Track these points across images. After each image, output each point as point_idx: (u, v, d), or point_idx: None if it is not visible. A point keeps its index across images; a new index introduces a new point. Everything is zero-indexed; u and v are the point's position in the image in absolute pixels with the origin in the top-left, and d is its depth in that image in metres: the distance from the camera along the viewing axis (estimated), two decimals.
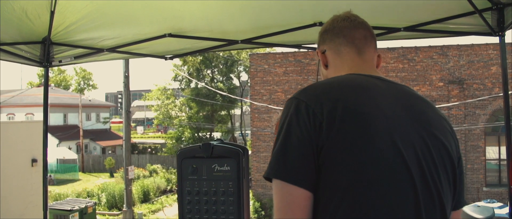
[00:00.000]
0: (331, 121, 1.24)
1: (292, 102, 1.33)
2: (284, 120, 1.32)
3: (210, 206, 2.12)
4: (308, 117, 1.26)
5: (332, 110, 1.26)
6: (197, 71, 35.92)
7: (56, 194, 22.60)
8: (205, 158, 2.22)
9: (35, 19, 3.11)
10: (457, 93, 18.27)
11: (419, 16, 3.08)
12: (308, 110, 1.27)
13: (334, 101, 1.28)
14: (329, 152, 1.22)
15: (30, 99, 43.54)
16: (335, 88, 1.35)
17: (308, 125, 1.25)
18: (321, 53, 1.57)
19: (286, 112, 1.33)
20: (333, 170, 1.22)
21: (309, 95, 1.33)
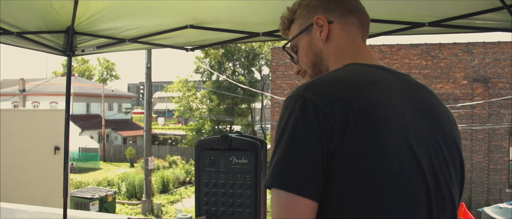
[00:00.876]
0: (344, 124, 1.09)
1: (295, 101, 1.15)
2: (287, 121, 1.14)
3: (227, 198, 2.12)
4: (317, 119, 1.10)
5: (345, 111, 1.10)
6: (218, 63, 36.04)
7: (78, 182, 22.99)
8: (223, 150, 2.21)
9: (59, 8, 3.15)
10: (481, 91, 17.93)
11: (444, 11, 3.01)
12: (317, 111, 1.11)
13: (346, 100, 1.12)
14: (342, 159, 1.09)
15: (54, 88, 44.34)
16: (344, 84, 1.17)
17: (317, 128, 1.10)
18: (327, 22, 1.34)
19: (288, 113, 1.15)
20: (346, 178, 1.10)
21: (316, 93, 1.14)
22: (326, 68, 1.35)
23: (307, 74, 1.42)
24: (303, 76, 1.44)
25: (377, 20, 3.09)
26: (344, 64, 1.29)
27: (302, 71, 1.44)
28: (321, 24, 1.34)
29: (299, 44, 1.40)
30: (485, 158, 17.81)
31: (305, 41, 1.38)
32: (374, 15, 3.07)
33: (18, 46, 3.49)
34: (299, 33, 1.39)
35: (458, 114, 18.15)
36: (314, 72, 1.38)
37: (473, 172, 17.98)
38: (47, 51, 3.66)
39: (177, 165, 29.05)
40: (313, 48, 1.37)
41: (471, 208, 16.56)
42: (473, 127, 17.88)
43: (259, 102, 39.05)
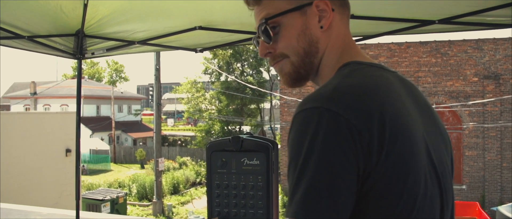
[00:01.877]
0: (381, 141, 0.95)
1: (320, 115, 0.95)
2: (313, 140, 0.94)
3: (239, 200, 2.11)
4: (352, 138, 0.93)
5: (380, 126, 0.96)
6: (227, 64, 36.09)
7: (89, 184, 23.15)
8: (234, 151, 2.20)
9: (69, 12, 3.17)
10: (492, 88, 17.78)
11: (454, 8, 2.98)
12: (351, 128, 0.94)
13: (379, 114, 0.97)
14: (378, 179, 0.96)
15: (64, 90, 44.71)
16: (370, 94, 1.01)
17: (353, 149, 0.93)
18: (331, 8, 1.16)
19: (312, 129, 0.95)
20: (380, 199, 0.97)
21: (347, 106, 0.96)
22: (319, 60, 1.18)
23: (286, 61, 1.19)
24: (273, 62, 1.22)
25: (386, 19, 3.07)
26: (343, 62, 1.15)
27: (274, 55, 1.20)
28: (323, 9, 1.16)
29: (284, 23, 1.17)
30: (498, 156, 17.65)
31: (297, 22, 1.16)
32: (382, 13, 3.06)
33: (29, 50, 3.53)
34: (291, 10, 1.16)
35: (469, 111, 18.01)
36: (302, 62, 1.18)
37: (486, 171, 17.83)
38: (58, 54, 3.69)
39: (187, 166, 29.14)
40: (309, 34, 1.17)
41: (484, 207, 16.42)
42: (485, 124, 17.73)
43: (268, 102, 39.05)
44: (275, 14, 1.16)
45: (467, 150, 18.14)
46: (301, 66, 1.18)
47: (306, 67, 1.18)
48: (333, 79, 1.09)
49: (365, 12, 2.98)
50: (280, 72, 1.22)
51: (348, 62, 1.15)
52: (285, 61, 1.19)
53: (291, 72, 1.20)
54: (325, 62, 1.18)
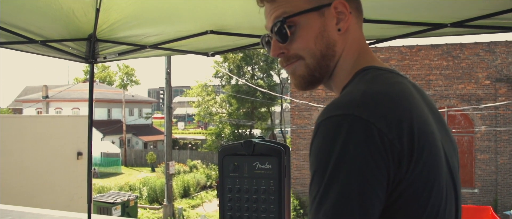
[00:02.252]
0: (410, 150, 0.93)
1: (351, 123, 0.92)
2: (343, 149, 0.90)
3: (251, 204, 2.11)
4: (384, 148, 0.91)
5: (410, 135, 0.94)
6: (237, 67, 36.13)
7: (100, 187, 23.28)
8: (246, 155, 2.21)
9: (81, 16, 3.20)
10: (505, 91, 17.60)
11: (466, 11, 2.96)
12: (383, 137, 0.91)
13: (409, 122, 0.96)
14: (406, 188, 0.94)
15: (76, 94, 45.06)
16: (398, 101, 0.99)
17: (385, 159, 0.91)
18: (349, 11, 1.12)
19: (342, 137, 0.91)
20: (406, 210, 0.96)
21: (378, 114, 0.93)
22: (334, 64, 1.14)
23: (301, 63, 1.14)
24: (286, 63, 1.17)
25: (398, 22, 3.06)
26: (361, 67, 1.13)
27: (288, 56, 1.16)
28: (341, 11, 1.12)
29: (301, 23, 1.11)
30: (510, 160, 17.46)
31: (315, 23, 1.12)
32: (394, 17, 3.05)
33: (42, 54, 3.56)
34: (310, 10, 1.11)
35: (482, 115, 17.84)
36: (318, 65, 1.13)
37: (498, 174, 17.64)
38: (70, 58, 3.73)
39: (197, 169, 29.20)
40: (326, 36, 1.12)
41: (497, 211, 16.24)
42: (497, 128, 17.55)
43: (278, 106, 39.01)
44: (293, 13, 1.11)
45: (479, 154, 17.97)
46: (317, 69, 1.14)
47: (322, 71, 1.14)
48: (357, 84, 1.05)
49: (377, 15, 2.97)
50: (293, 74, 1.17)
51: (367, 67, 1.12)
52: (299, 63, 1.15)
53: (306, 75, 1.15)
54: (341, 66, 1.15)
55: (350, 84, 1.10)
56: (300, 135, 20.18)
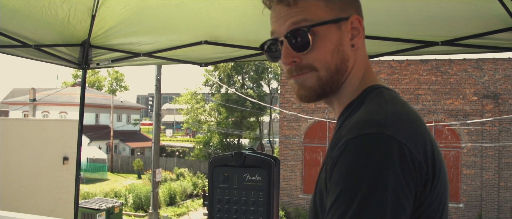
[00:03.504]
0: (433, 171, 0.95)
1: (387, 144, 0.90)
2: (380, 167, 0.88)
3: (239, 215, 2.12)
4: (414, 170, 0.91)
5: (431, 156, 0.95)
6: (227, 76, 36.17)
7: (85, 193, 23.06)
8: (236, 167, 2.22)
9: (76, 23, 3.20)
10: (491, 108, 17.83)
11: (457, 30, 3.02)
12: (413, 158, 0.91)
13: (429, 143, 0.97)
14: (426, 210, 0.96)
15: (64, 98, 44.69)
16: (419, 123, 1.00)
17: (414, 178, 0.91)
18: (362, 28, 1.12)
19: (378, 156, 0.89)
20: None
21: (406, 134, 0.93)
22: (344, 79, 1.12)
23: (313, 74, 1.09)
24: (297, 73, 1.10)
25: (390, 39, 3.11)
26: (369, 85, 1.13)
27: (300, 65, 1.09)
28: (356, 27, 1.11)
29: (320, 33, 1.07)
30: (496, 175, 17.65)
31: (334, 36, 1.08)
32: (387, 33, 3.09)
33: (35, 59, 3.54)
34: (331, 21, 1.07)
35: (468, 130, 18.03)
36: (330, 79, 1.10)
37: (483, 189, 17.81)
38: (63, 64, 3.71)
39: (184, 177, 29.04)
40: (342, 50, 1.10)
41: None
42: (483, 144, 17.74)
43: (267, 116, 39.05)
44: (317, 22, 1.06)
45: (465, 169, 18.13)
46: (328, 82, 1.10)
47: (333, 85, 1.11)
48: (377, 104, 1.04)
49: (369, 32, 3.01)
50: (302, 85, 1.11)
51: (377, 86, 1.12)
52: (311, 75, 1.09)
53: (317, 87, 1.10)
54: (349, 82, 1.13)
55: (360, 101, 1.09)
56: (288, 146, 20.20)
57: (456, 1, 2.65)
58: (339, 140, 0.98)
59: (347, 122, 1.05)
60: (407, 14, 2.85)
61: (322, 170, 1.07)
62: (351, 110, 1.10)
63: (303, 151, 20.01)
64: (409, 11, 2.80)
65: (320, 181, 1.06)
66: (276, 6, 1.11)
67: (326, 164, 1.02)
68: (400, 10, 2.80)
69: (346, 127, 0.99)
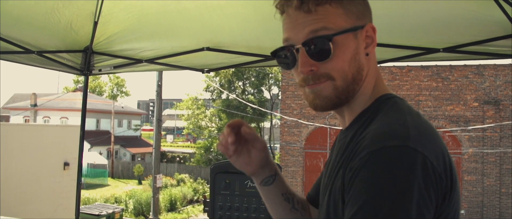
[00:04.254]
0: (450, 183, 0.96)
1: (414, 157, 0.90)
2: (405, 180, 0.88)
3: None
4: (435, 180, 0.92)
5: (449, 168, 0.97)
6: (228, 82, 36.19)
7: (85, 198, 23.01)
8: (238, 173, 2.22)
9: (79, 29, 3.22)
10: (492, 114, 17.81)
11: (458, 37, 3.03)
12: (434, 170, 0.92)
13: (446, 155, 0.98)
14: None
15: (65, 103, 44.68)
16: (436, 133, 1.01)
17: (436, 191, 0.92)
18: (376, 37, 1.11)
19: (402, 169, 0.89)
20: None
21: (428, 147, 0.93)
22: (358, 89, 1.10)
23: (329, 83, 1.07)
24: (313, 82, 1.07)
25: (392, 46, 3.11)
26: (382, 93, 1.12)
27: (317, 74, 1.06)
28: (370, 36, 1.10)
29: (339, 42, 1.04)
30: (497, 182, 17.60)
31: (351, 45, 1.07)
32: (389, 40, 3.10)
33: (37, 65, 3.56)
34: (350, 30, 1.05)
35: (469, 136, 18.01)
36: (346, 88, 1.08)
37: (484, 196, 17.76)
38: (65, 70, 3.73)
39: (185, 183, 28.99)
40: (358, 59, 1.08)
41: None
42: (484, 150, 17.72)
43: (268, 122, 39.04)
44: (338, 31, 1.04)
45: (466, 175, 18.10)
46: (344, 91, 1.08)
47: (349, 94, 1.09)
48: (396, 114, 1.03)
49: None
50: (318, 94, 1.08)
51: (390, 95, 1.12)
52: (327, 84, 1.07)
53: (333, 97, 1.08)
54: (363, 91, 1.11)
55: (375, 111, 1.08)
56: (289, 152, 20.17)
57: (457, 9, 2.66)
58: (358, 150, 0.98)
59: (362, 131, 1.04)
60: (409, 21, 2.86)
61: (336, 179, 1.06)
62: (365, 119, 1.08)
63: (303, 157, 19.98)
64: (410, 18, 2.81)
65: (334, 191, 1.05)
66: (292, 12, 1.07)
67: (343, 173, 1.01)
68: (402, 17, 2.82)
69: (366, 138, 0.98)
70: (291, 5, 1.06)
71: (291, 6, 1.06)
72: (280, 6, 1.10)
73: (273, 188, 1.36)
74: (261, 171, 1.33)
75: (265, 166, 1.33)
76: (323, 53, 1.04)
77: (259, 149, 1.29)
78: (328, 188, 1.10)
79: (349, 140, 1.09)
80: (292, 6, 1.06)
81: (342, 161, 1.06)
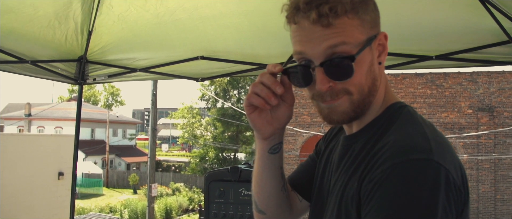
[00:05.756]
0: (466, 194, 0.96)
1: (436, 169, 0.89)
2: (431, 195, 0.87)
3: None
4: (456, 195, 0.91)
5: (465, 180, 0.96)
6: (223, 91, 36.21)
7: (80, 208, 22.88)
8: (232, 181, 2.23)
9: (73, 41, 3.23)
10: (486, 121, 17.90)
11: (451, 44, 3.06)
12: (455, 184, 0.92)
13: (462, 167, 0.97)
14: None
15: (60, 113, 44.51)
16: (449, 144, 1.00)
17: (456, 204, 0.92)
18: (387, 42, 1.07)
19: (428, 183, 0.88)
20: None
21: (448, 160, 0.93)
22: (373, 100, 1.07)
23: (346, 98, 1.02)
24: (331, 98, 1.03)
25: None
26: (393, 101, 1.10)
27: (336, 91, 1.02)
28: (383, 44, 1.06)
29: (358, 59, 0.99)
30: (492, 188, 17.65)
31: (367, 57, 1.02)
32: None
33: (31, 75, 3.55)
34: (368, 43, 1.00)
35: (464, 143, 18.08)
36: (362, 101, 1.04)
37: (479, 202, 17.80)
38: (59, 79, 3.72)
39: (180, 192, 28.89)
40: (373, 70, 1.04)
41: None
42: (478, 156, 17.78)
43: None
44: (358, 48, 0.99)
45: None
46: (360, 105, 1.04)
47: (365, 107, 1.06)
48: (414, 125, 1.01)
49: None
50: (333, 110, 1.04)
51: (401, 103, 1.10)
52: (345, 99, 1.03)
53: (349, 111, 1.04)
54: (376, 100, 1.08)
55: (388, 120, 1.06)
56: (284, 160, 20.13)
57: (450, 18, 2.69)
58: (377, 161, 0.95)
59: (376, 141, 1.02)
60: (401, 30, 2.88)
61: (348, 187, 1.03)
62: (378, 128, 1.06)
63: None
64: (403, 26, 2.84)
65: (346, 200, 1.02)
66: (308, 25, 0.98)
67: (359, 184, 0.98)
68: (394, 25, 2.84)
69: (387, 149, 0.95)
70: (307, 17, 0.97)
71: (307, 19, 0.98)
72: (291, 17, 1.01)
73: (276, 158, 1.26)
74: (277, 135, 1.20)
75: (283, 128, 1.21)
76: (345, 73, 0.99)
77: (289, 104, 1.15)
78: (337, 195, 1.07)
79: (360, 148, 1.06)
80: (308, 19, 0.97)
81: (354, 169, 1.03)
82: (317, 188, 1.26)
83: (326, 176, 1.21)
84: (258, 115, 1.15)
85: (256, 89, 1.09)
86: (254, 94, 1.10)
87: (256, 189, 1.31)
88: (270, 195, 1.29)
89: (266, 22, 2.93)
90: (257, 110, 1.14)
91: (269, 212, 1.31)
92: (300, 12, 0.98)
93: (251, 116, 1.15)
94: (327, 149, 1.29)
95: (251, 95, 1.11)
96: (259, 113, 1.15)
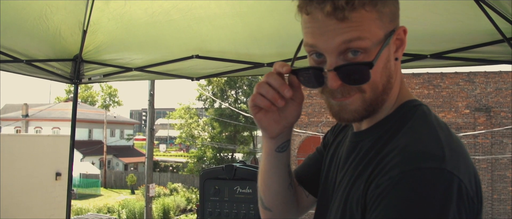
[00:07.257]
0: (480, 204, 0.92)
1: (448, 179, 0.85)
2: (443, 207, 0.83)
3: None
4: (469, 205, 0.88)
5: (479, 189, 0.93)
6: (221, 91, 36.20)
7: (78, 209, 22.86)
8: (227, 179, 2.24)
9: (68, 37, 3.22)
10: (483, 121, 17.95)
11: (446, 44, 3.06)
12: (468, 194, 0.87)
13: (477, 174, 0.94)
14: None
15: (57, 113, 44.44)
16: (466, 152, 0.96)
17: (469, 215, 0.88)
18: (406, 37, 1.01)
19: (439, 194, 0.84)
20: None
21: (462, 169, 0.89)
22: (386, 99, 1.01)
23: (358, 96, 0.97)
24: (342, 96, 0.98)
25: None
26: (407, 99, 1.05)
27: (348, 89, 0.96)
28: (401, 38, 1.00)
29: (372, 52, 0.94)
30: (489, 188, 17.70)
31: (384, 54, 0.95)
32: None
33: (27, 74, 3.55)
34: (387, 42, 0.94)
35: None
36: (375, 99, 0.98)
37: None
38: (55, 79, 3.72)
39: (178, 192, 28.89)
40: (389, 67, 0.98)
41: None
42: (476, 156, 17.82)
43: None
44: (378, 51, 0.93)
45: None
46: (373, 104, 0.99)
47: (377, 105, 1.00)
48: (428, 129, 0.97)
49: None
50: (344, 108, 0.99)
51: (415, 102, 1.05)
52: (357, 97, 0.97)
53: (361, 110, 0.99)
54: (390, 98, 1.03)
55: (400, 120, 1.01)
56: None
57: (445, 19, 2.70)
58: (386, 166, 0.91)
59: (387, 141, 0.98)
60: None
61: (353, 189, 1.00)
62: (389, 127, 1.01)
63: (296, 165, 19.92)
64: None
65: (351, 202, 0.99)
66: (322, 18, 0.91)
67: (366, 187, 0.95)
68: None
69: (397, 155, 0.91)
70: (321, 9, 0.90)
71: (321, 11, 0.91)
72: (303, 6, 0.94)
73: (284, 156, 1.19)
74: (284, 133, 1.13)
75: (291, 126, 1.14)
76: (361, 79, 0.94)
77: (298, 103, 1.08)
78: (342, 195, 1.04)
79: (369, 147, 1.02)
80: (322, 11, 0.90)
81: (361, 170, 0.99)
82: (322, 183, 1.23)
83: (332, 171, 1.18)
84: (264, 115, 1.09)
85: (261, 90, 1.03)
86: (259, 95, 1.04)
87: (263, 187, 1.28)
88: (277, 193, 1.26)
89: (260, 23, 2.94)
90: (263, 110, 1.08)
91: (276, 209, 1.29)
92: (313, 2, 0.92)
93: (257, 116, 1.09)
94: (334, 142, 1.24)
95: (256, 96, 1.05)
96: (265, 113, 1.09)
